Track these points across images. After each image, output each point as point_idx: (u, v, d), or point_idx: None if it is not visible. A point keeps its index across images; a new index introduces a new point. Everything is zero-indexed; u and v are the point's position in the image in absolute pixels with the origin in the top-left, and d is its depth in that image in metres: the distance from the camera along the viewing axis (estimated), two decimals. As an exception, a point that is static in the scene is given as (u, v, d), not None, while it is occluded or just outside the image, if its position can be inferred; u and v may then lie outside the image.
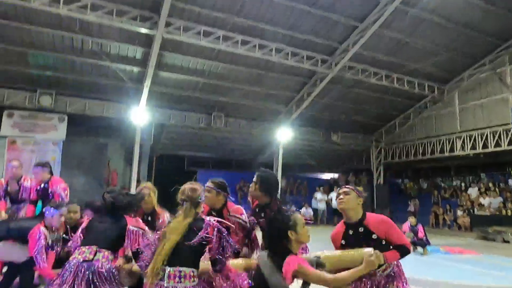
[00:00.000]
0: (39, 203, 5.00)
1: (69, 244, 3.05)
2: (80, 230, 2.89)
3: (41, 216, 3.95)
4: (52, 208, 3.75)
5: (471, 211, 13.63)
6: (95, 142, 12.40)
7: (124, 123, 12.07)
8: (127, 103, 11.80)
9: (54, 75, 10.70)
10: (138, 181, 11.55)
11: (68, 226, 4.14)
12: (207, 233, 2.33)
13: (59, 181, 5.16)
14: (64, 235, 4.05)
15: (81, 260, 2.58)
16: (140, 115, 11.62)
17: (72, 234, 3.72)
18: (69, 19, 8.75)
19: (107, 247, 2.70)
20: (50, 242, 3.67)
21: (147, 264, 2.33)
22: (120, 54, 10.48)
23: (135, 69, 11.00)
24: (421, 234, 8.62)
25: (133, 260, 2.87)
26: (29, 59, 10.01)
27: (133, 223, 2.88)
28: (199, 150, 16.46)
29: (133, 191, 11.85)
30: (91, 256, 2.61)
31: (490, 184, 14.43)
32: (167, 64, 10.98)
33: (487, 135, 12.60)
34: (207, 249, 2.35)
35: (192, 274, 2.25)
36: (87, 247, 2.67)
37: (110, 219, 2.87)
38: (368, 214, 2.76)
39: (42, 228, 3.61)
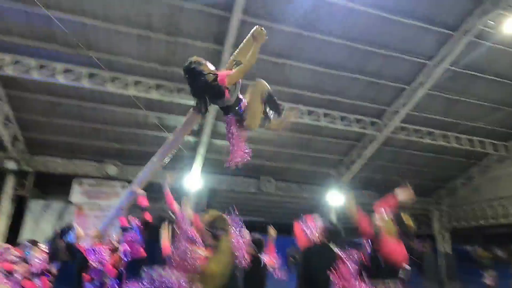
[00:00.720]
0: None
1: None
2: None
3: None
4: None
5: None
6: (153, 208, 12.95)
7: (178, 190, 12.63)
8: (182, 170, 12.47)
9: (120, 146, 11.81)
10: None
11: None
12: None
13: None
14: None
15: None
16: (193, 181, 12.15)
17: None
18: (136, 98, 9.87)
19: None
20: None
21: None
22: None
23: (191, 139, 11.80)
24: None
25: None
26: (100, 133, 11.25)
27: None
28: (250, 214, 16.44)
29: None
30: None
31: None
32: (220, 133, 11.65)
33: None
34: None
35: None
36: None
37: None
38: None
39: None
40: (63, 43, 8.50)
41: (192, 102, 9.46)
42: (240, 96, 3.21)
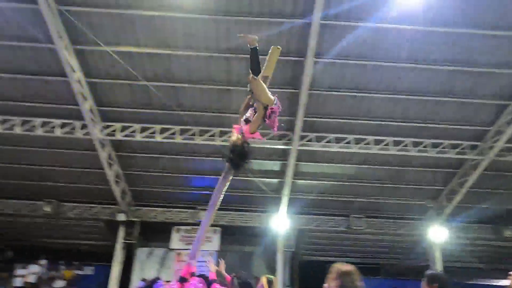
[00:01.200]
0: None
1: None
2: None
3: None
4: None
5: None
6: (243, 251, 13.23)
7: (266, 231, 12.77)
8: (268, 212, 12.63)
9: (209, 193, 12.50)
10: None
11: None
12: None
13: None
14: None
15: None
16: (280, 222, 12.15)
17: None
18: (221, 146, 10.56)
19: None
20: None
21: None
22: (261, 168, 11.74)
23: (275, 180, 11.99)
24: None
25: None
26: (191, 182, 12.17)
27: None
28: (341, 255, 15.57)
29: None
30: None
31: None
32: (303, 173, 11.63)
33: None
34: None
35: None
36: None
37: None
38: None
39: None
40: (159, 106, 9.70)
41: (273, 146, 9.70)
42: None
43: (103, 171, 10.89)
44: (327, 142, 10.11)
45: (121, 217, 12.16)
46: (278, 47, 3.69)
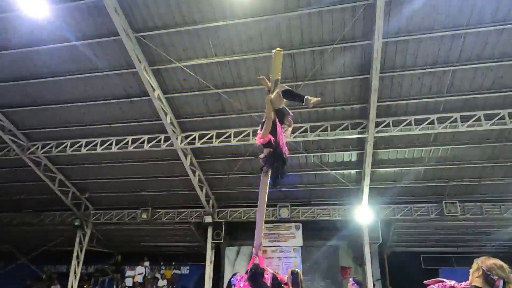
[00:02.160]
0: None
1: None
2: None
3: None
4: None
5: None
6: (327, 246, 13.10)
7: (350, 224, 12.44)
8: (350, 204, 12.31)
9: (288, 190, 12.68)
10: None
11: None
12: None
13: None
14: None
15: None
16: (363, 214, 11.74)
17: None
18: (294, 143, 10.60)
19: None
20: None
21: None
22: (337, 161, 11.50)
23: (353, 171, 11.64)
24: None
25: None
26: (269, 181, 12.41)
27: None
28: (435, 244, 14.45)
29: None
30: None
31: None
32: (382, 160, 11.09)
33: None
34: None
35: None
36: None
37: None
38: None
39: None
40: (231, 111, 10.15)
41: (347, 136, 9.57)
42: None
43: (188, 178, 11.76)
44: (406, 125, 9.50)
45: (208, 219, 12.97)
46: (279, 49, 4.03)
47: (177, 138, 10.54)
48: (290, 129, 4.32)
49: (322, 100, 9.45)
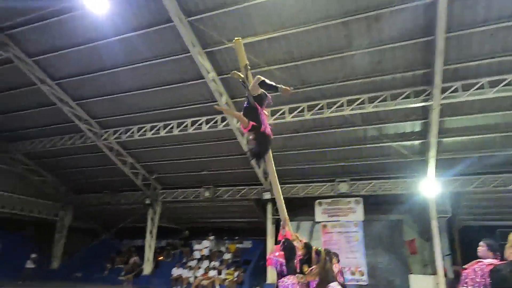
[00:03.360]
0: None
1: None
2: None
3: None
4: None
5: None
6: (390, 220, 12.71)
7: (415, 197, 11.89)
8: (413, 177, 11.72)
9: (346, 164, 12.43)
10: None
11: None
12: None
13: None
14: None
15: None
16: (430, 186, 11.12)
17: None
18: (351, 116, 10.26)
19: None
20: None
21: None
22: (398, 132, 10.93)
23: (416, 142, 10.99)
24: None
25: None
26: (327, 156, 12.28)
27: None
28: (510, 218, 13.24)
29: (439, 267, 10.99)
30: None
31: None
32: (449, 129, 10.30)
33: None
34: None
35: None
36: None
37: None
38: None
39: None
40: (284, 88, 10.07)
41: (409, 105, 9.04)
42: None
43: (245, 156, 12.08)
44: (477, 89, 8.65)
45: (267, 195, 13.29)
46: (237, 38, 4.44)
47: (232, 118, 10.81)
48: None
49: (380, 68, 9.07)
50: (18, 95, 12.13)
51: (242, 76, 4.72)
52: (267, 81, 4.29)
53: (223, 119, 11.03)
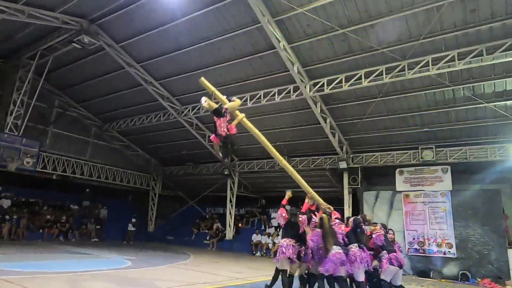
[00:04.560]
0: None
1: None
2: None
3: None
4: None
5: None
6: (484, 189, 11.47)
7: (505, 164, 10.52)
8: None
9: (431, 130, 11.42)
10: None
11: None
12: None
13: None
14: None
15: None
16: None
17: None
18: (438, 75, 9.28)
19: None
20: None
21: None
22: (496, 91, 9.61)
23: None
24: None
25: None
26: (409, 121, 11.42)
27: None
28: None
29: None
30: None
31: None
32: None
33: None
34: None
35: None
36: None
37: None
38: None
39: None
40: (359, 50, 9.50)
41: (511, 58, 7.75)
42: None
43: (320, 125, 11.89)
44: None
45: (343, 165, 13.01)
46: (201, 79, 6.40)
47: (305, 87, 10.62)
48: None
49: (474, 17, 7.92)
50: (110, 80, 13.55)
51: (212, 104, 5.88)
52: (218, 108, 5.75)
53: (295, 89, 10.90)
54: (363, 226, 6.21)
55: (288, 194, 6.59)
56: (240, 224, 17.83)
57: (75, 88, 14.89)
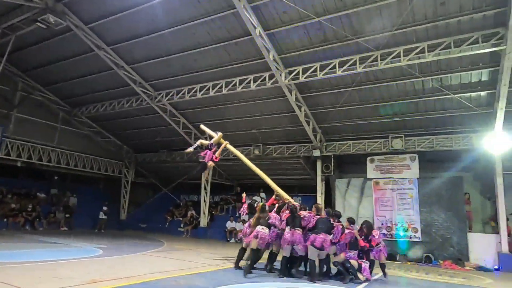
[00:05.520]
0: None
1: None
2: None
3: None
4: None
5: None
6: (448, 177, 12.06)
7: (477, 153, 11.09)
8: (477, 132, 10.87)
9: (401, 119, 11.80)
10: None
11: None
12: None
13: None
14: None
15: None
16: (496, 141, 10.24)
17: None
18: (409, 66, 9.54)
19: None
20: None
21: None
22: (462, 82, 10.02)
23: (482, 93, 10.05)
24: None
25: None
26: (380, 111, 11.73)
27: None
28: None
29: (502, 227, 10.40)
30: None
31: None
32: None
33: None
34: None
35: None
36: None
37: None
38: None
39: None
40: (335, 39, 9.58)
41: (477, 51, 8.06)
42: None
43: (294, 113, 11.98)
44: None
45: (316, 153, 13.23)
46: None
47: (281, 75, 10.62)
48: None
49: (444, 11, 8.16)
50: (78, 62, 12.94)
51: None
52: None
53: (271, 76, 10.89)
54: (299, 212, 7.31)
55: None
56: (214, 212, 17.86)
57: (40, 70, 14.12)
